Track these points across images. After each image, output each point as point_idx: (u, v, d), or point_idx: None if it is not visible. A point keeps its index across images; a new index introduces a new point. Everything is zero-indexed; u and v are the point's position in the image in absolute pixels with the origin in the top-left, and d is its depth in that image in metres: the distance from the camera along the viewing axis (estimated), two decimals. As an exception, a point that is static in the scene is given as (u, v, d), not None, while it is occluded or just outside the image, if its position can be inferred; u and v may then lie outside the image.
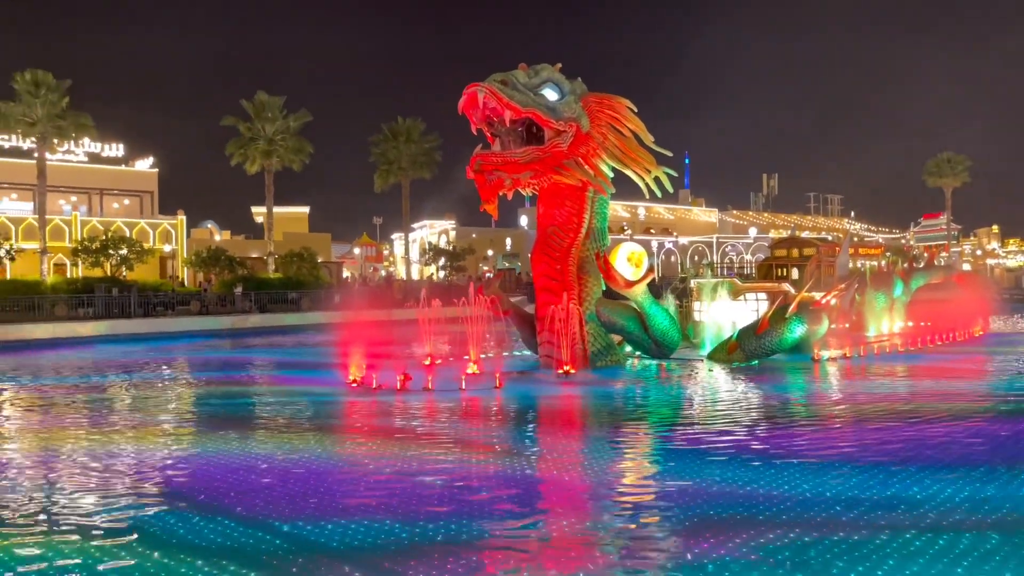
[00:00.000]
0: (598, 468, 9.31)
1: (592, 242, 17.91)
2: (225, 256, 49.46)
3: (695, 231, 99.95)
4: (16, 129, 45.19)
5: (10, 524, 7.36)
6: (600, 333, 18.01)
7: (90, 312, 36.05)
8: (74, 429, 12.33)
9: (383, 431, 11.83)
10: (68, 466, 9.76)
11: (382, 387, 15.28)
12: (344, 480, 8.77)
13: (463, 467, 9.27)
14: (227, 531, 6.94)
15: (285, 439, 11.07)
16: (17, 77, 43.74)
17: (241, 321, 37.34)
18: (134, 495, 8.29)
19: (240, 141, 50.82)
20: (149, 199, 59.91)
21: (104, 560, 6.34)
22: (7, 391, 17.18)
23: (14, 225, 49.09)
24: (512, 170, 16.05)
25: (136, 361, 23.03)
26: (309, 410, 13.81)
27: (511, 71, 16.19)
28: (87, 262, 45.49)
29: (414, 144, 57.02)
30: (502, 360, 19.04)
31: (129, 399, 15.69)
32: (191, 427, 12.58)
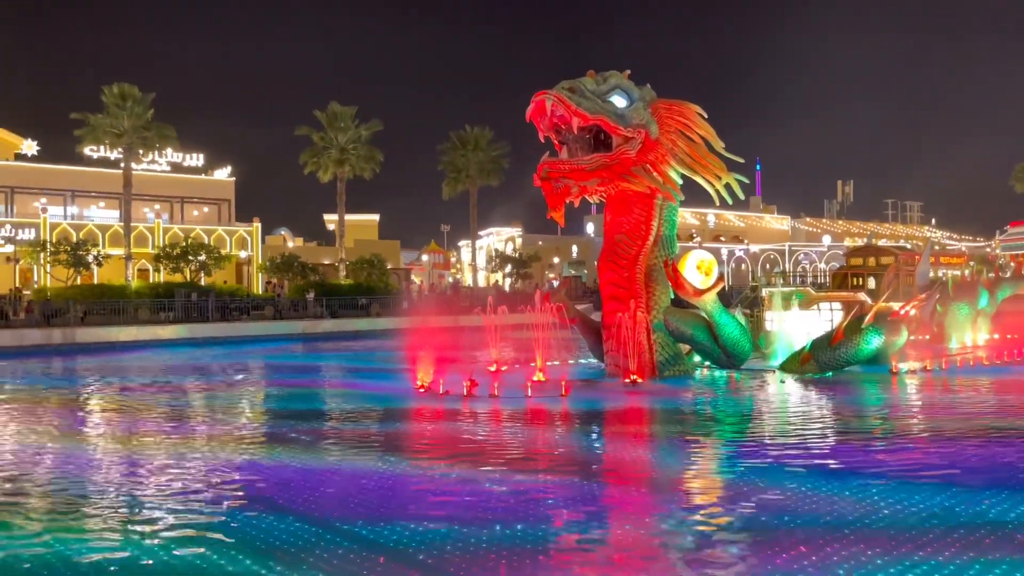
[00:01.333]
0: (665, 480, 9.18)
1: (660, 249, 17.71)
2: (298, 262, 50.71)
3: (766, 239, 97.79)
4: (104, 140, 47.33)
5: (95, 518, 7.67)
6: (668, 342, 17.77)
7: (170, 316, 37.43)
8: (154, 429, 12.80)
9: (449, 437, 11.92)
10: (148, 465, 10.13)
11: (449, 392, 15.41)
12: (410, 485, 8.86)
13: (528, 475, 9.25)
14: (300, 532, 7.09)
15: (354, 443, 11.26)
16: (105, 91, 45.89)
17: (313, 326, 38.21)
18: (210, 495, 8.54)
19: (313, 150, 52.11)
20: (227, 207, 61.89)
21: (182, 556, 6.55)
22: (94, 391, 17.97)
23: (101, 232, 51.40)
24: (579, 177, 16.00)
25: (213, 364, 23.80)
26: (378, 414, 14.02)
27: (579, 78, 16.16)
28: (168, 268, 47.25)
29: (482, 152, 57.45)
30: (568, 368, 18.98)
31: (206, 401, 16.22)
32: (264, 430, 12.92)
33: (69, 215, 54.42)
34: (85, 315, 35.34)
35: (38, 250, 44.18)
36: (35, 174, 54.52)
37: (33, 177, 54.33)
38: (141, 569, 6.32)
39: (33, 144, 55.50)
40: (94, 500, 8.36)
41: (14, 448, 11.29)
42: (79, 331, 31.52)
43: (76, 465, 10.12)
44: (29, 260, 45.61)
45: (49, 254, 43.74)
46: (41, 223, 49.87)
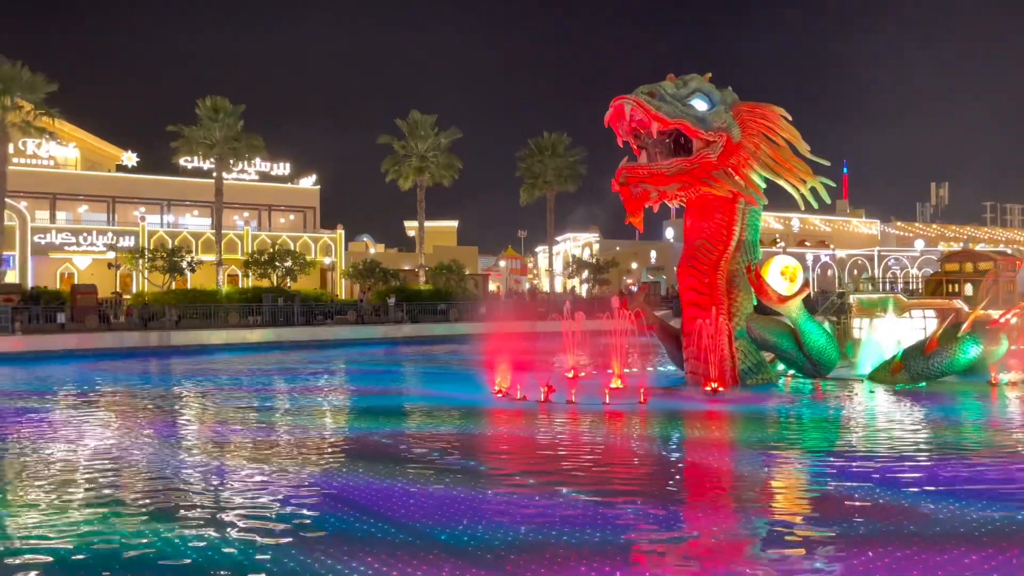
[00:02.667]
0: (747, 492, 8.96)
1: (743, 255, 17.34)
2: (379, 268, 51.76)
3: (854, 244, 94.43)
4: (198, 151, 49.43)
5: (182, 515, 8.01)
6: (751, 350, 17.37)
7: (258, 320, 38.75)
8: (242, 430, 13.27)
9: (526, 442, 11.95)
10: (236, 465, 10.51)
11: (526, 398, 15.45)
12: (487, 490, 8.91)
13: (606, 483, 9.19)
14: (376, 531, 7.22)
15: (432, 446, 11.40)
16: (199, 103, 47.96)
17: (394, 331, 38.92)
18: (292, 495, 8.79)
19: (395, 158, 53.18)
20: (312, 214, 63.69)
21: (267, 553, 6.76)
22: (187, 391, 18.76)
23: (195, 239, 53.65)
24: (658, 182, 15.84)
25: (298, 368, 24.52)
26: (456, 418, 14.16)
27: (659, 82, 16.01)
28: (256, 273, 48.92)
29: (559, 158, 57.46)
30: (646, 375, 18.77)
31: (291, 404, 16.72)
32: (346, 433, 13.24)
33: (165, 223, 57.02)
34: (179, 319, 36.92)
35: (137, 256, 46.40)
36: (134, 184, 57.37)
37: (133, 187, 57.18)
38: (226, 562, 6.55)
39: (133, 156, 58.40)
40: (184, 496, 8.72)
41: (114, 445, 11.88)
42: (174, 334, 32.96)
43: (166, 463, 10.58)
44: (129, 266, 47.95)
45: (147, 260, 45.91)
46: (140, 231, 52.40)
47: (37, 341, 29.65)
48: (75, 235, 51.94)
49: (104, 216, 56.09)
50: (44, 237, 50.55)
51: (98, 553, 6.82)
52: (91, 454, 11.24)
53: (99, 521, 7.75)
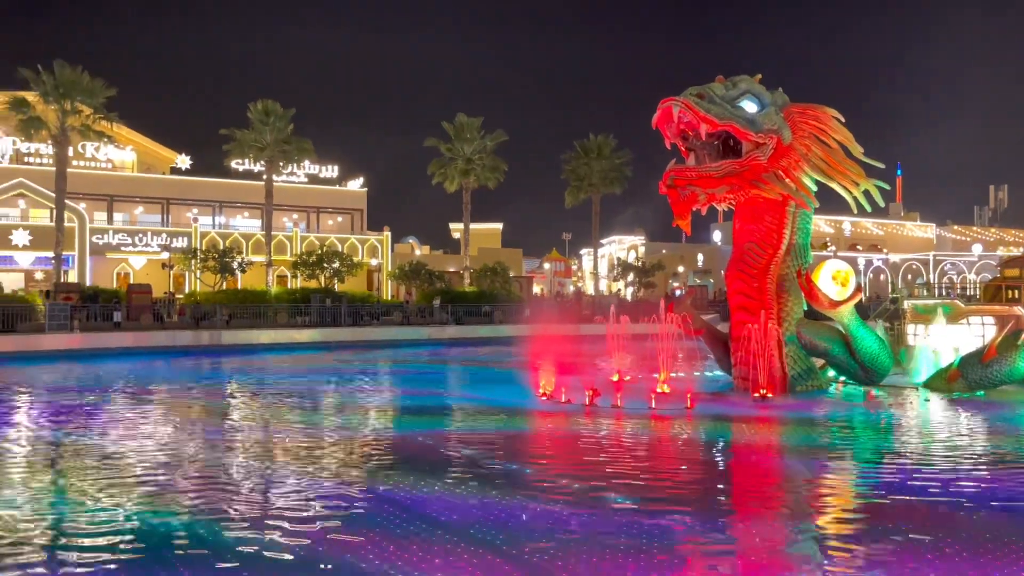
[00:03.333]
0: (798, 503, 8.78)
1: (793, 259, 17.02)
2: (425, 270, 52.15)
3: (908, 248, 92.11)
4: (249, 154, 50.45)
5: (228, 510, 8.14)
6: (800, 356, 17.03)
7: (306, 320, 39.33)
8: (289, 429, 13.46)
9: (571, 446, 11.90)
10: (282, 463, 10.66)
11: (571, 401, 15.39)
12: (531, 492, 8.88)
13: (651, 488, 9.10)
14: (423, 533, 7.25)
15: (477, 447, 11.42)
16: (251, 107, 48.93)
17: (439, 332, 39.15)
18: (338, 493, 8.87)
19: (440, 161, 53.56)
20: (359, 216, 64.50)
21: (310, 550, 6.84)
22: (236, 390, 19.11)
23: (245, 240, 54.73)
24: (707, 185, 15.64)
25: (345, 368, 24.81)
26: (500, 421, 14.17)
27: (707, 84, 15.82)
28: (304, 274, 49.70)
29: (605, 160, 57.23)
30: (693, 380, 18.54)
31: (338, 404, 16.92)
32: (391, 433, 13.34)
33: (217, 224, 58.26)
34: (230, 318, 37.68)
35: (190, 257, 47.52)
36: (188, 186, 58.76)
37: (186, 189, 58.58)
38: (269, 558, 6.64)
39: (186, 159, 59.86)
40: (231, 492, 8.87)
41: (165, 441, 12.16)
42: (224, 333, 33.63)
43: (215, 460, 10.78)
44: (182, 266, 49.13)
45: (199, 261, 46.98)
46: (192, 232, 53.63)
47: (94, 339, 30.52)
48: (131, 236, 53.39)
49: (159, 217, 57.54)
50: (102, 238, 52.04)
51: (147, 545, 6.97)
52: (143, 449, 11.51)
53: (148, 514, 7.93)
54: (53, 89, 41.77)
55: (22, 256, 50.61)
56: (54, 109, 42.52)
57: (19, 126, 43.33)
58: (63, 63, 41.99)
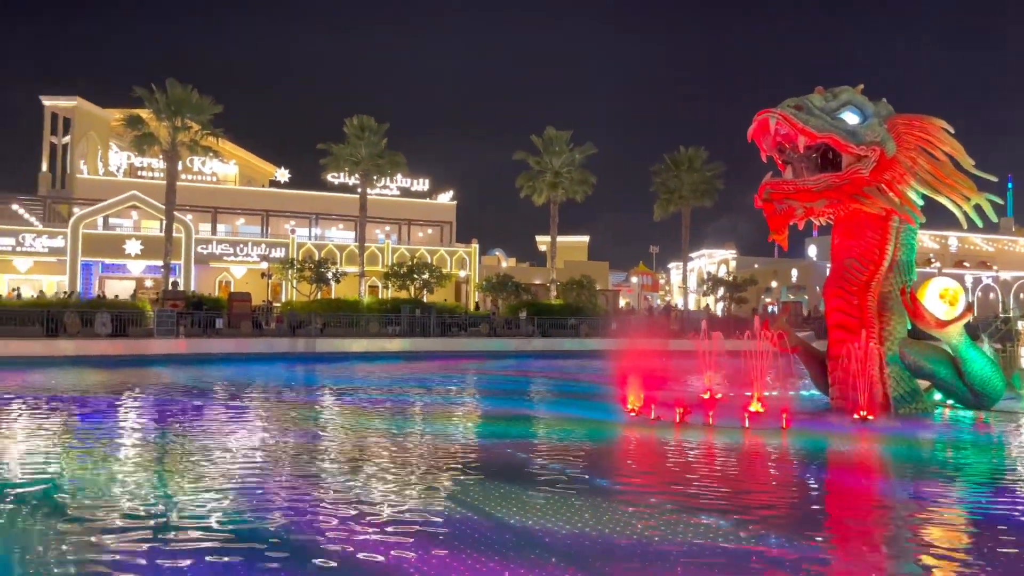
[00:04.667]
0: (901, 534, 8.38)
1: (896, 276, 16.33)
2: (512, 282, 52.50)
3: (1020, 265, 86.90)
4: (344, 168, 52.09)
5: (316, 511, 8.36)
6: (904, 377, 16.29)
7: (396, 330, 40.17)
8: (377, 434, 13.75)
9: (660, 464, 11.72)
10: (370, 467, 10.89)
11: (660, 418, 15.17)
12: (618, 508, 8.78)
13: (744, 509, 8.85)
14: (506, 544, 7.27)
15: (563, 461, 11.38)
16: (347, 122, 50.56)
17: (524, 344, 39.31)
18: (422, 499, 9.00)
19: (529, 174, 53.92)
20: (448, 229, 65.55)
21: (394, 553, 6.95)
22: (329, 396, 19.68)
23: (339, 251, 56.43)
24: (805, 199, 15.22)
25: (434, 377, 25.19)
26: (587, 436, 14.09)
27: (806, 95, 15.41)
28: (395, 285, 50.82)
29: (696, 173, 56.39)
30: (788, 400, 17.99)
31: (425, 412, 17.18)
32: (476, 441, 13.45)
33: (313, 235, 60.27)
34: (324, 327, 38.86)
35: (287, 267, 49.31)
36: (286, 199, 61.07)
37: (284, 201, 60.89)
38: (353, 560, 6.78)
39: (285, 172, 62.28)
40: (320, 493, 9.12)
41: (260, 443, 12.62)
42: (319, 341, 34.70)
43: (307, 463, 11.11)
44: (279, 276, 51.02)
45: (296, 271, 48.68)
46: (290, 243, 55.65)
47: (198, 344, 32.01)
48: (233, 246, 55.82)
49: (259, 229, 59.97)
50: (206, 248, 54.59)
51: (240, 541, 7.24)
52: (241, 450, 11.97)
53: (242, 511, 8.24)
54: (165, 107, 44.22)
55: (134, 264, 53.64)
56: (166, 126, 44.99)
57: (134, 142, 46.06)
58: (174, 81, 44.42)
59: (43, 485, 9.60)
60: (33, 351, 28.51)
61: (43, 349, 29.00)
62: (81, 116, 61.59)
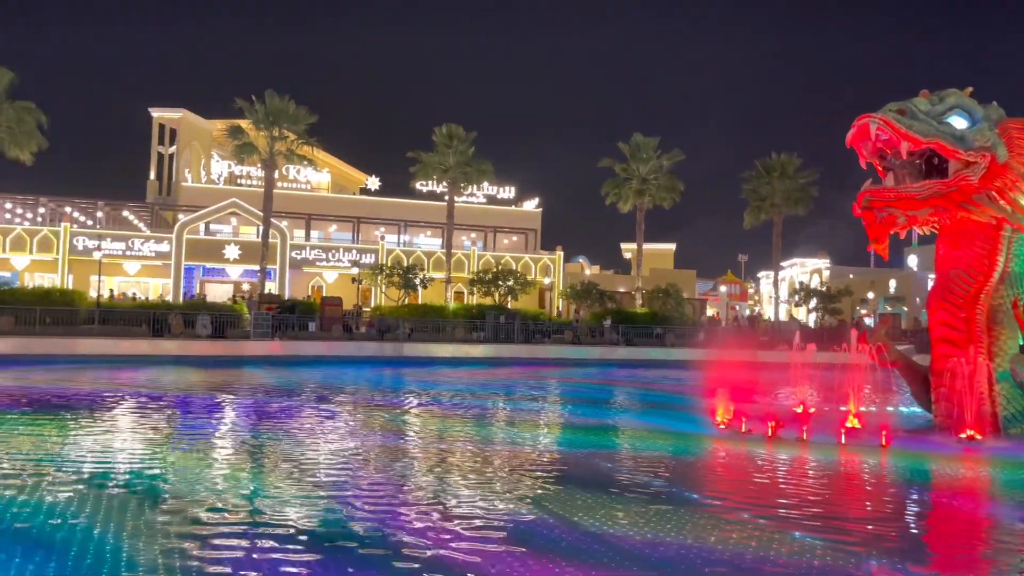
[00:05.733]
0: (1006, 556, 7.90)
1: (1007, 288, 15.41)
2: (596, 290, 52.20)
3: None
4: (432, 176, 52.98)
5: (399, 512, 8.48)
6: (1015, 395, 15.34)
7: (481, 336, 40.53)
8: (462, 439, 13.88)
9: (751, 478, 11.40)
10: (454, 471, 10.99)
11: (751, 432, 14.77)
12: (706, 523, 8.58)
13: (839, 530, 8.51)
14: (588, 551, 7.20)
15: (649, 472, 11.22)
16: (435, 131, 51.43)
17: (608, 352, 39.00)
18: (505, 504, 9.01)
19: (615, 181, 53.54)
20: (533, 236, 65.75)
21: (476, 557, 6.98)
22: (415, 400, 20.00)
23: (427, 258, 57.38)
24: (907, 206, 14.55)
25: (518, 384, 25.28)
26: (674, 448, 13.84)
27: (910, 99, 14.76)
28: (480, 291, 51.30)
29: (788, 179, 54.78)
30: (888, 416, 17.24)
31: (509, 418, 17.24)
32: (560, 449, 13.40)
33: (402, 242, 61.51)
34: (411, 331, 39.56)
35: (376, 273, 50.46)
36: (376, 206, 62.56)
37: (374, 209, 62.38)
38: (438, 562, 6.84)
39: (375, 180, 63.81)
40: (403, 495, 9.25)
41: (348, 444, 12.92)
42: (406, 346, 35.36)
43: (391, 464, 11.30)
44: (369, 281, 52.26)
45: (385, 276, 49.76)
46: (379, 249, 56.95)
47: (291, 346, 33.11)
48: (325, 252, 57.52)
49: (350, 235, 61.62)
50: (299, 253, 56.43)
51: (326, 540, 7.43)
52: (329, 450, 12.29)
53: (329, 511, 8.46)
54: (264, 117, 46.03)
55: (232, 269, 55.94)
56: (264, 135, 46.84)
57: (234, 151, 48.15)
58: (272, 93, 46.19)
59: (148, 480, 10.10)
60: (140, 350, 30.09)
61: (149, 348, 30.57)
62: (186, 127, 64.78)
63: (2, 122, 40.08)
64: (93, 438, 13.07)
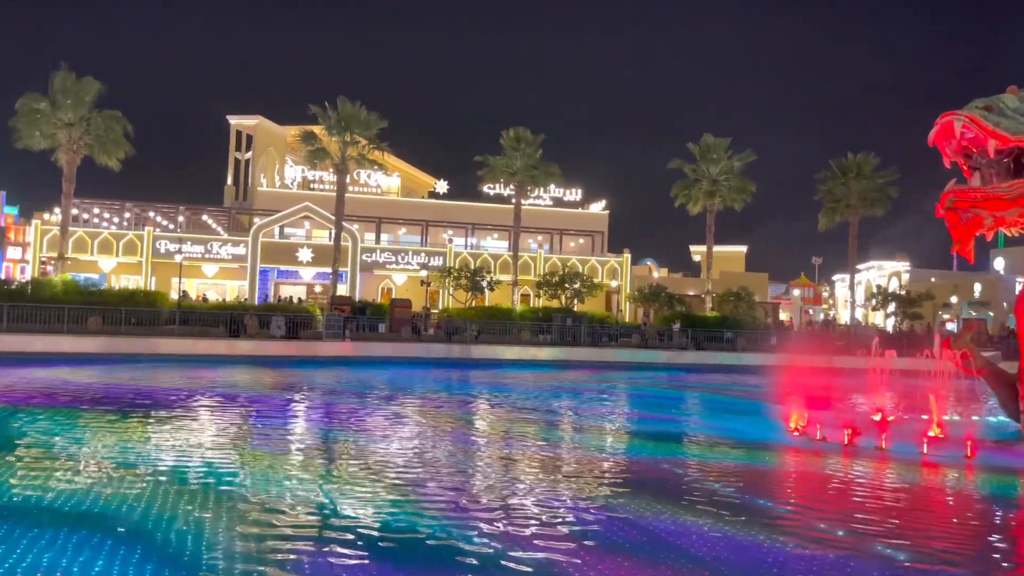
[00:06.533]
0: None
1: (1104, 293, 14.60)
2: (665, 293, 51.57)
3: None
4: (499, 179, 53.27)
5: (469, 515, 8.51)
6: (1112, 406, 14.52)
7: (547, 339, 40.51)
8: (529, 443, 13.87)
9: (828, 488, 11.06)
10: (521, 475, 10.99)
11: (827, 439, 14.34)
12: (780, 535, 8.35)
13: (923, 546, 8.16)
14: (657, 558, 7.09)
15: (721, 480, 10.99)
16: (503, 134, 51.69)
17: (677, 357, 38.47)
18: (572, 509, 8.95)
19: (685, 183, 52.83)
20: (600, 238, 65.38)
21: (544, 562, 6.95)
22: (483, 402, 20.11)
23: (493, 260, 57.65)
24: (995, 207, 13.92)
25: (584, 387, 25.15)
26: (746, 455, 13.55)
27: (996, 95, 14.12)
28: (547, 294, 51.27)
29: (865, 180, 53.06)
30: (973, 425, 16.50)
31: (576, 422, 17.16)
32: (628, 455, 13.27)
33: (469, 245, 61.97)
34: (478, 334, 39.82)
35: (444, 275, 50.98)
36: (444, 209, 63.20)
37: (442, 212, 63.04)
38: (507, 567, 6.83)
39: (443, 184, 64.49)
40: (472, 498, 9.28)
41: (416, 445, 13.06)
42: (473, 348, 35.61)
43: (460, 466, 11.36)
44: (437, 284, 52.86)
45: (452, 279, 50.23)
46: (447, 252, 57.51)
47: (362, 347, 33.73)
48: (394, 255, 58.41)
49: (418, 238, 62.41)
50: (370, 256, 57.44)
51: (398, 541, 7.51)
52: (397, 451, 12.44)
53: (399, 513, 8.54)
54: (336, 123, 47.05)
55: (305, 271, 57.32)
56: (336, 141, 47.87)
57: (307, 156, 49.37)
58: (344, 99, 47.18)
59: (226, 476, 10.41)
60: (217, 350, 31.09)
61: (226, 348, 31.57)
62: (262, 133, 66.72)
63: (92, 130, 42.04)
64: (174, 436, 13.56)
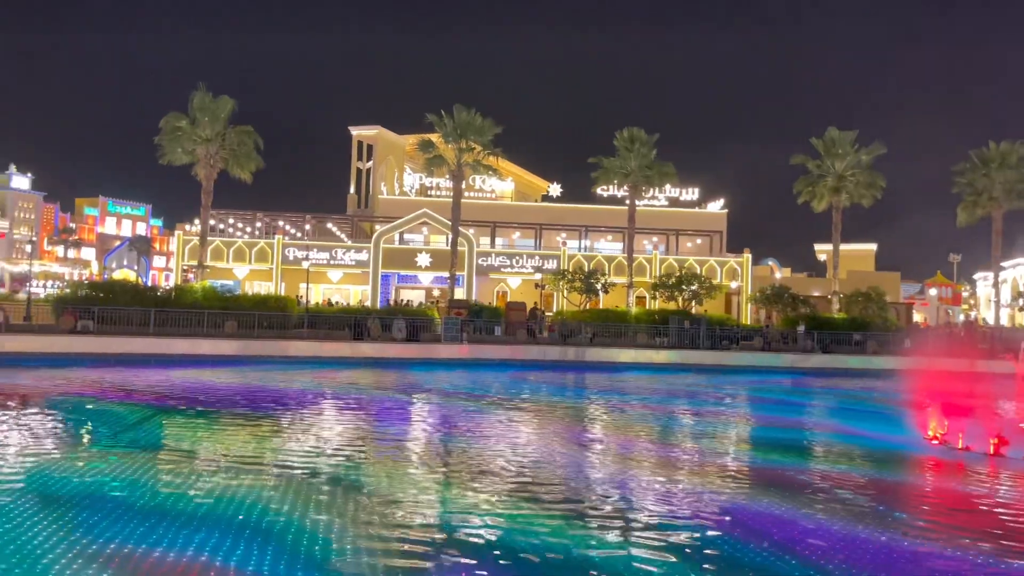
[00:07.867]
0: None
1: None
2: (788, 294, 49.64)
3: None
4: (613, 180, 52.80)
5: (587, 517, 8.44)
6: None
7: (664, 341, 39.78)
8: (647, 447, 13.67)
9: (972, 500, 10.35)
10: (640, 479, 10.83)
11: (969, 448, 13.41)
12: (923, 547, 7.86)
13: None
14: (779, 567, 6.84)
15: (854, 488, 10.48)
16: (617, 135, 51.22)
17: (802, 360, 36.94)
18: (693, 513, 8.75)
19: (808, 179, 50.68)
20: (718, 238, 63.69)
21: (662, 566, 6.82)
22: (599, 406, 19.98)
23: (608, 262, 57.21)
24: None
25: (705, 392, 24.56)
26: (881, 464, 12.86)
27: None
28: (663, 296, 50.35)
29: (1010, 171, 49.24)
30: None
31: (696, 427, 16.77)
32: (753, 460, 12.85)
33: (582, 247, 61.80)
34: (593, 336, 39.59)
35: (558, 278, 51.01)
36: (557, 212, 63.32)
37: (555, 215, 63.16)
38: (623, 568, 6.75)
39: (556, 187, 64.66)
40: (590, 502, 9.22)
41: (533, 448, 13.11)
42: (588, 350, 35.43)
43: (576, 470, 11.31)
44: (551, 286, 52.95)
45: (566, 281, 50.19)
46: (561, 254, 57.55)
47: (479, 350, 34.20)
48: (509, 258, 58.98)
49: (532, 242, 62.78)
50: (485, 260, 58.26)
51: (513, 543, 7.55)
52: (513, 454, 12.55)
53: (516, 515, 8.60)
54: (452, 130, 48.01)
55: (424, 275, 58.80)
56: (452, 148, 48.82)
57: (425, 164, 50.57)
58: (460, 107, 48.07)
59: (350, 473, 10.81)
60: (342, 353, 32.32)
61: (350, 351, 32.77)
62: (382, 143, 68.98)
63: (227, 145, 44.67)
64: (303, 435, 14.20)
